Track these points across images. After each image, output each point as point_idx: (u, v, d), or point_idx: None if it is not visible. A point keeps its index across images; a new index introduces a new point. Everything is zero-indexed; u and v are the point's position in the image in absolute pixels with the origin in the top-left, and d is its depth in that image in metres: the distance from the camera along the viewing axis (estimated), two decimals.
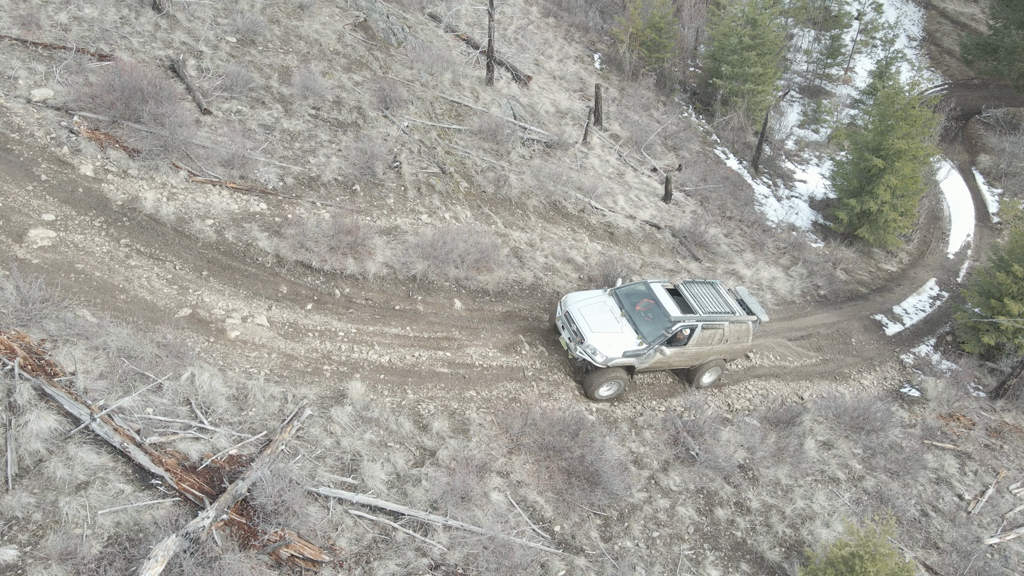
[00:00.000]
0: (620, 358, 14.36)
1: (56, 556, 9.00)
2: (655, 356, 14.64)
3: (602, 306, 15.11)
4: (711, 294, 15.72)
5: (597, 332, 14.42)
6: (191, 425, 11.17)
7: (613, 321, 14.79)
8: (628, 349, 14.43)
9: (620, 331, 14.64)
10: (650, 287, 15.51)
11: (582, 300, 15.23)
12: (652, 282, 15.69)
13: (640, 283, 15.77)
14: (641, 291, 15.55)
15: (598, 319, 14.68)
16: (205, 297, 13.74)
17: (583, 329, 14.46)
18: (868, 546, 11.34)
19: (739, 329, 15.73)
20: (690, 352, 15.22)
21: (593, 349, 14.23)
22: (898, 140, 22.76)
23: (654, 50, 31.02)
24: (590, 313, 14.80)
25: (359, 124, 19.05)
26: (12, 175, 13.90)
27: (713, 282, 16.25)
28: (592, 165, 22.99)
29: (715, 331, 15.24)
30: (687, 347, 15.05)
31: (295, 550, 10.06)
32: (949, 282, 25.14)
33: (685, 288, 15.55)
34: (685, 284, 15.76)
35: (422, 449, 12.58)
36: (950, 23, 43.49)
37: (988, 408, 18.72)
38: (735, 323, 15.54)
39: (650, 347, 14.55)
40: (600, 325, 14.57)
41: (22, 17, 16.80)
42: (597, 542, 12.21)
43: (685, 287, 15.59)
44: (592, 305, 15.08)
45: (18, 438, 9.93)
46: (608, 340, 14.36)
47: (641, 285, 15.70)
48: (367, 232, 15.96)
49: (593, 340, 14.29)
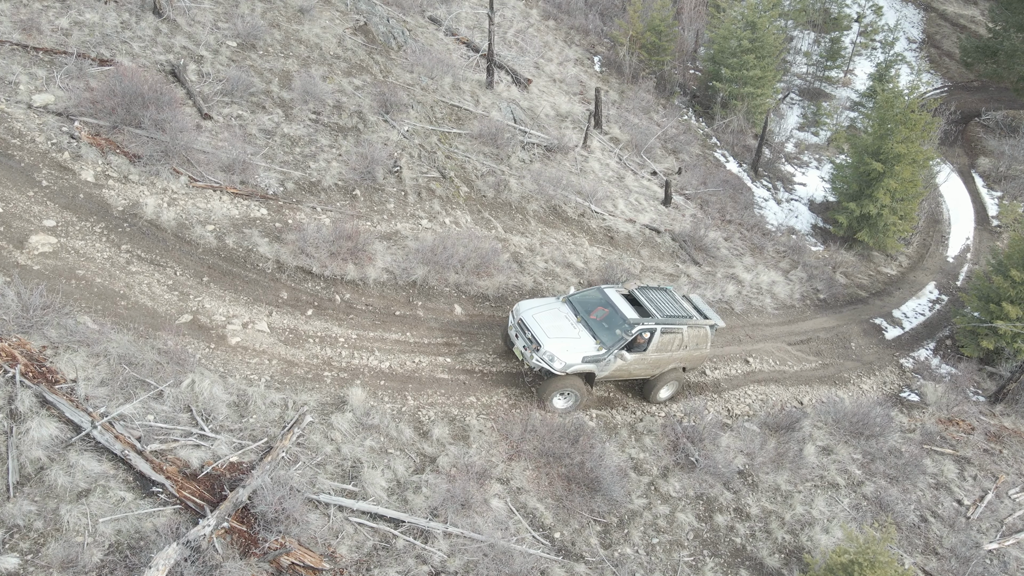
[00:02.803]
0: (580, 364, 13.82)
1: (57, 564, 9.02)
2: (616, 363, 14.14)
3: (557, 313, 14.61)
4: (667, 299, 15.45)
5: (554, 338, 13.84)
6: (192, 432, 11.19)
7: (570, 327, 14.29)
8: (588, 355, 13.88)
9: (578, 336, 14.12)
10: (604, 293, 15.10)
11: (535, 307, 14.70)
12: (606, 287, 15.31)
13: (594, 289, 15.34)
14: (596, 297, 15.08)
15: (554, 325, 14.17)
16: (206, 303, 13.77)
17: (539, 336, 13.83)
18: (867, 553, 11.38)
19: (698, 334, 15.29)
20: (651, 359, 14.72)
21: (551, 355, 13.63)
22: (897, 144, 22.79)
23: (654, 53, 31.05)
24: (545, 320, 14.24)
25: (359, 129, 19.07)
26: (13, 181, 13.93)
27: (667, 288, 15.97)
28: (592, 169, 23.02)
29: (674, 336, 14.79)
30: (647, 353, 14.54)
31: (296, 558, 10.08)
32: (948, 286, 25.17)
33: (640, 293, 15.21)
34: (640, 289, 15.39)
35: (422, 456, 12.60)
36: (950, 25, 43.54)
37: (987, 412, 18.75)
38: (693, 327, 15.14)
39: (610, 352, 14.00)
40: (557, 331, 14.04)
41: (23, 22, 16.82)
42: (597, 549, 12.24)
43: (640, 292, 15.26)
44: (546, 312, 14.55)
45: (19, 445, 9.95)
46: (566, 346, 13.81)
47: (595, 291, 15.24)
48: (367, 237, 15.98)
49: (550, 346, 13.68)
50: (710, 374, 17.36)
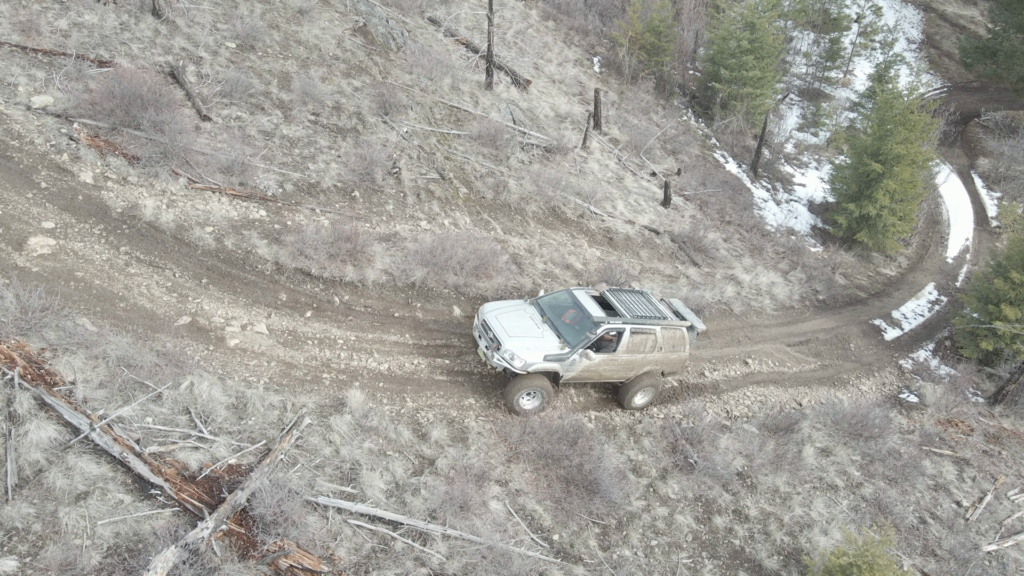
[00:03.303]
0: (541, 363, 13.60)
1: (56, 567, 9.02)
2: (581, 362, 13.94)
3: (522, 313, 14.52)
4: (641, 301, 15.28)
5: (515, 337, 13.70)
6: (190, 434, 11.19)
7: (534, 327, 14.16)
8: (550, 353, 13.68)
9: (541, 336, 13.97)
10: (573, 294, 14.96)
11: (500, 308, 14.62)
12: (575, 289, 15.15)
13: (563, 291, 15.20)
14: (564, 299, 14.95)
15: (517, 325, 14.06)
16: (204, 305, 13.77)
17: (500, 335, 13.71)
18: (866, 555, 11.38)
19: (673, 336, 14.98)
20: (621, 360, 14.44)
21: (511, 354, 13.43)
22: (897, 145, 22.80)
23: (653, 54, 31.05)
24: (508, 320, 14.17)
25: (358, 130, 19.07)
26: (12, 182, 13.93)
27: (644, 292, 15.84)
28: (591, 170, 23.02)
29: (646, 336, 14.53)
30: (617, 354, 14.29)
31: (294, 560, 10.09)
32: (948, 286, 25.17)
33: (612, 295, 15.10)
34: (611, 291, 15.28)
35: (421, 458, 12.60)
36: (949, 26, 43.55)
37: (987, 414, 18.76)
38: (668, 329, 14.84)
39: (574, 351, 13.79)
40: (519, 330, 13.90)
41: (22, 23, 16.82)
42: (596, 551, 12.24)
43: (612, 294, 15.15)
44: (511, 313, 14.48)
45: (18, 448, 9.96)
46: (528, 344, 13.63)
47: (564, 293, 15.13)
48: (366, 239, 15.98)
49: (511, 345, 13.51)
50: (709, 375, 17.37)
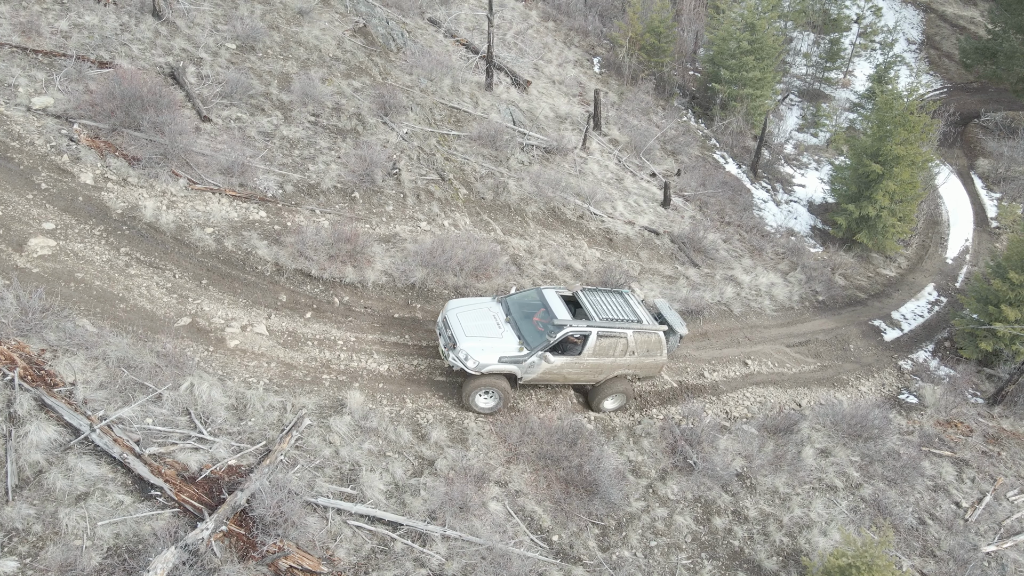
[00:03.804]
0: (495, 364, 13.29)
1: (56, 568, 9.03)
2: (541, 365, 13.59)
3: (485, 312, 14.22)
4: (615, 302, 14.83)
5: (472, 337, 13.45)
6: (190, 435, 11.21)
7: (494, 327, 13.85)
8: (505, 355, 13.39)
9: (500, 336, 13.66)
10: (541, 293, 14.62)
11: (462, 306, 14.36)
12: (545, 288, 14.84)
13: (533, 290, 14.88)
14: (533, 299, 14.65)
15: (476, 324, 13.77)
16: (204, 306, 13.79)
17: (457, 334, 13.49)
18: (865, 556, 11.40)
19: (647, 340, 14.46)
20: (587, 363, 14.03)
21: (465, 354, 13.20)
22: (896, 146, 22.81)
23: (653, 54, 31.07)
24: (468, 318, 13.91)
25: (358, 131, 19.09)
26: (12, 184, 13.95)
27: (622, 291, 15.41)
28: (591, 170, 23.04)
29: (616, 340, 14.08)
30: (583, 357, 13.89)
31: (294, 561, 10.10)
32: (948, 287, 25.18)
33: (584, 295, 14.71)
34: (584, 291, 14.90)
35: (421, 459, 12.62)
36: (949, 27, 43.56)
37: (986, 415, 18.77)
38: (641, 333, 14.31)
39: (532, 353, 13.46)
40: (477, 330, 13.63)
41: (22, 24, 16.84)
42: (595, 552, 12.26)
43: (584, 294, 14.77)
44: (472, 311, 14.20)
45: (18, 449, 9.97)
46: (483, 345, 13.35)
47: (533, 292, 14.79)
48: (366, 240, 16.00)
49: (466, 345, 13.27)
50: (708, 376, 17.38)
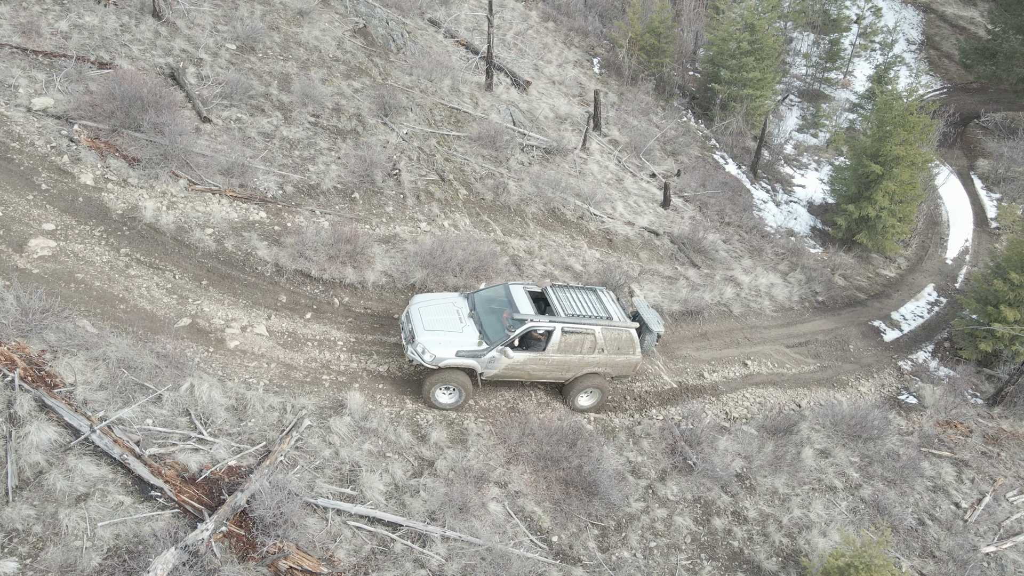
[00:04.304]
0: (452, 358, 13.16)
1: (56, 568, 9.05)
2: (502, 360, 13.45)
3: (449, 306, 14.09)
4: (585, 299, 14.60)
5: (431, 330, 13.32)
6: (190, 436, 11.22)
7: (455, 321, 13.71)
8: (463, 349, 13.23)
9: (460, 331, 13.51)
10: (508, 289, 14.44)
11: (426, 300, 14.27)
12: (513, 284, 14.65)
13: (501, 285, 14.72)
14: (500, 295, 14.42)
15: (437, 318, 13.65)
16: (204, 307, 13.80)
17: (416, 327, 13.38)
18: (864, 556, 11.42)
19: (618, 337, 14.21)
20: (553, 360, 13.89)
21: (423, 347, 13.07)
22: (896, 146, 22.82)
23: (653, 55, 31.08)
24: (430, 312, 13.79)
25: (358, 131, 19.10)
26: (12, 184, 13.96)
27: (597, 288, 15.20)
28: (591, 171, 23.05)
29: (583, 337, 13.88)
30: (547, 354, 13.74)
31: (294, 562, 10.11)
32: (947, 288, 25.19)
33: (552, 291, 14.53)
34: (554, 287, 14.71)
35: (420, 459, 12.63)
36: (949, 27, 43.57)
37: (985, 415, 18.77)
38: (610, 329, 14.09)
39: (491, 348, 13.31)
40: (437, 324, 13.50)
41: (23, 25, 16.86)
42: (595, 552, 12.27)
43: (553, 290, 14.58)
44: (436, 305, 14.09)
45: (18, 450, 9.99)
46: (441, 339, 13.22)
47: (501, 287, 14.61)
48: (366, 241, 16.02)
49: (423, 338, 13.15)
50: (708, 377, 17.39)
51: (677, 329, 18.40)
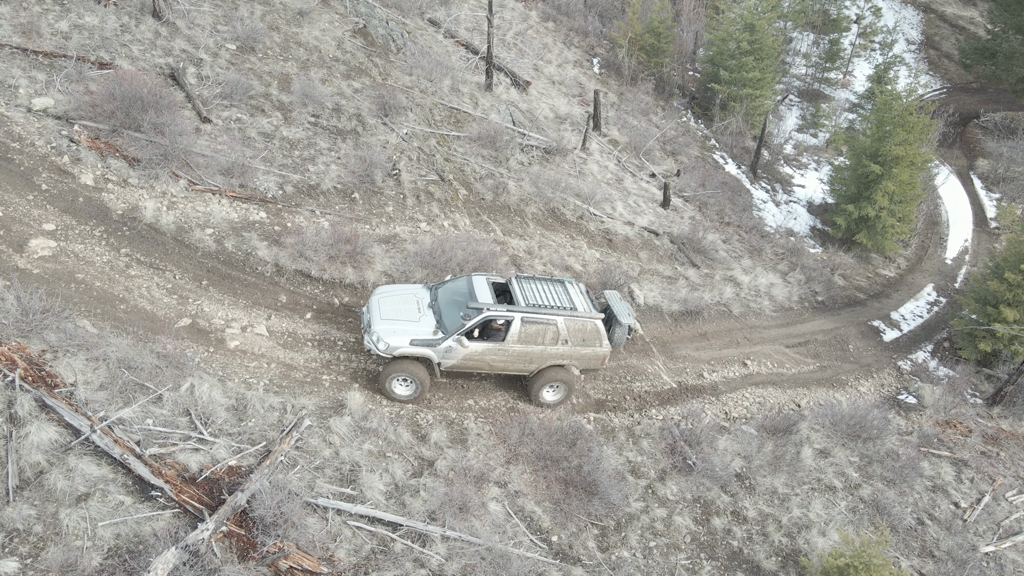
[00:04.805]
0: (407, 347, 13.02)
1: (57, 568, 9.07)
2: (459, 350, 13.27)
3: (409, 297, 13.97)
4: (551, 290, 14.39)
5: (387, 320, 13.22)
6: (191, 436, 11.24)
7: (414, 311, 13.59)
8: (417, 338, 13.08)
9: (417, 320, 13.38)
10: (470, 279, 14.27)
11: (388, 291, 14.19)
12: (476, 275, 14.45)
13: (463, 277, 14.54)
14: (462, 286, 14.27)
15: (395, 308, 13.55)
16: (205, 307, 13.82)
17: (373, 316, 13.31)
18: (863, 556, 11.44)
19: (582, 329, 13.92)
20: (513, 351, 13.64)
21: (378, 336, 12.99)
22: (896, 146, 22.83)
23: (653, 55, 31.09)
24: (389, 302, 13.69)
25: (358, 132, 19.12)
26: (13, 185, 13.98)
27: (566, 280, 14.95)
28: (591, 171, 23.06)
29: (544, 328, 13.62)
30: (507, 344, 13.50)
31: (294, 562, 10.13)
32: (947, 288, 25.20)
33: (516, 282, 14.32)
34: (519, 278, 14.49)
35: (420, 459, 12.65)
36: (948, 27, 43.57)
37: (985, 415, 18.79)
38: (573, 320, 13.79)
39: (447, 337, 13.14)
40: (394, 313, 13.40)
41: (23, 25, 16.87)
42: (594, 552, 12.29)
43: (517, 281, 14.37)
44: (396, 295, 13.98)
45: (19, 450, 10.01)
46: (396, 328, 13.11)
47: (464, 278, 14.44)
48: (366, 241, 16.04)
49: (379, 327, 13.06)
50: (708, 377, 17.41)
51: (677, 329, 18.42)
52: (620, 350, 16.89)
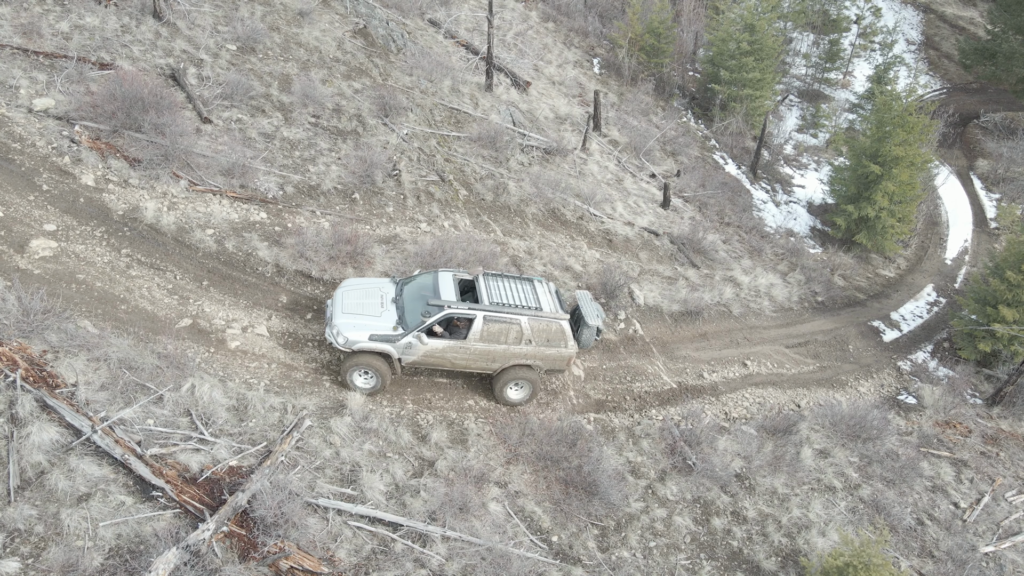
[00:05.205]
0: (365, 342, 12.94)
1: (58, 568, 9.10)
2: (419, 346, 13.18)
3: (374, 291, 13.91)
4: (518, 288, 14.24)
5: (348, 313, 13.19)
6: (191, 436, 11.27)
7: (376, 305, 13.54)
8: (377, 333, 13.02)
9: (378, 315, 13.32)
10: (436, 275, 14.17)
11: (353, 284, 14.17)
12: (443, 271, 14.36)
13: (430, 273, 14.44)
14: (427, 282, 14.16)
15: (358, 302, 13.50)
16: (205, 307, 13.84)
17: (335, 311, 13.30)
18: (863, 556, 11.46)
19: (547, 329, 13.76)
20: (476, 349, 13.52)
21: (337, 330, 12.96)
22: (895, 147, 22.84)
23: (653, 55, 31.11)
24: (353, 296, 13.64)
25: (359, 132, 19.14)
26: (14, 185, 14.00)
27: (535, 279, 14.75)
28: (591, 171, 23.08)
29: (508, 326, 13.49)
30: (468, 342, 13.41)
31: (295, 562, 10.15)
32: (947, 288, 25.22)
33: (483, 279, 14.17)
34: (485, 275, 14.32)
35: (421, 460, 12.67)
36: (948, 27, 43.58)
37: (985, 415, 18.81)
38: (538, 320, 13.65)
39: (407, 333, 13.07)
40: (356, 307, 13.35)
41: (23, 26, 16.89)
42: (594, 552, 12.31)
43: (484, 278, 14.20)
44: (361, 289, 13.91)
45: (20, 450, 10.04)
46: (356, 322, 13.07)
47: (430, 275, 14.32)
48: (366, 241, 16.06)
49: (340, 321, 13.04)
50: (708, 377, 17.43)
51: (677, 329, 18.44)
52: (620, 350, 16.92)
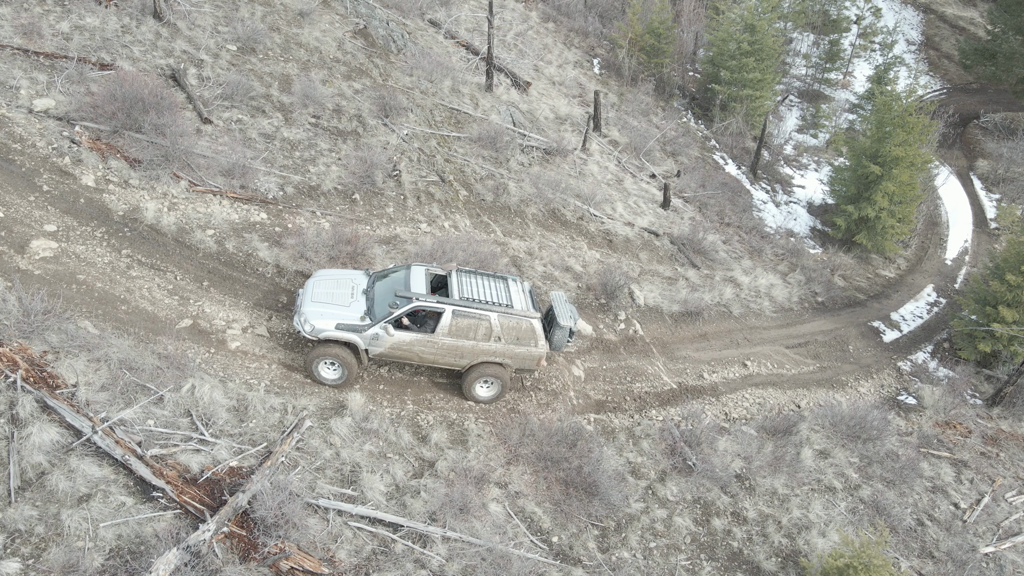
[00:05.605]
0: (332, 331, 12.89)
1: (58, 569, 9.10)
2: (385, 338, 13.10)
3: (346, 282, 13.88)
4: (490, 285, 14.12)
5: (316, 303, 13.15)
6: (192, 437, 11.27)
7: (346, 296, 13.50)
8: (343, 323, 12.95)
9: (347, 306, 13.27)
10: (409, 269, 14.13)
11: (326, 274, 14.13)
12: (416, 265, 14.29)
13: (403, 266, 14.42)
14: (400, 275, 14.13)
15: (328, 292, 13.48)
16: (206, 308, 13.84)
17: (304, 299, 13.28)
18: (863, 557, 11.47)
19: (516, 327, 13.62)
20: (444, 344, 13.41)
21: (304, 318, 12.91)
22: (895, 147, 22.85)
23: (653, 55, 31.12)
24: (324, 286, 13.63)
25: (359, 133, 19.14)
26: (14, 186, 14.00)
27: (509, 277, 14.63)
28: (591, 172, 23.09)
29: (476, 322, 13.40)
30: (436, 336, 13.30)
31: (295, 562, 10.16)
32: (947, 288, 25.23)
33: (455, 275, 14.06)
34: (459, 271, 14.22)
35: (421, 460, 12.68)
36: (948, 27, 43.59)
37: (984, 416, 18.81)
38: (507, 318, 13.54)
39: (373, 324, 12.99)
40: (325, 297, 13.34)
41: (24, 26, 16.90)
42: (595, 553, 12.31)
43: (456, 274, 14.10)
44: (333, 280, 13.89)
45: (20, 451, 10.04)
46: (324, 311, 13.03)
47: (403, 269, 14.31)
48: (367, 242, 16.07)
49: (307, 309, 12.98)
50: (708, 377, 17.44)
51: (677, 330, 18.45)
52: (621, 351, 16.93)
